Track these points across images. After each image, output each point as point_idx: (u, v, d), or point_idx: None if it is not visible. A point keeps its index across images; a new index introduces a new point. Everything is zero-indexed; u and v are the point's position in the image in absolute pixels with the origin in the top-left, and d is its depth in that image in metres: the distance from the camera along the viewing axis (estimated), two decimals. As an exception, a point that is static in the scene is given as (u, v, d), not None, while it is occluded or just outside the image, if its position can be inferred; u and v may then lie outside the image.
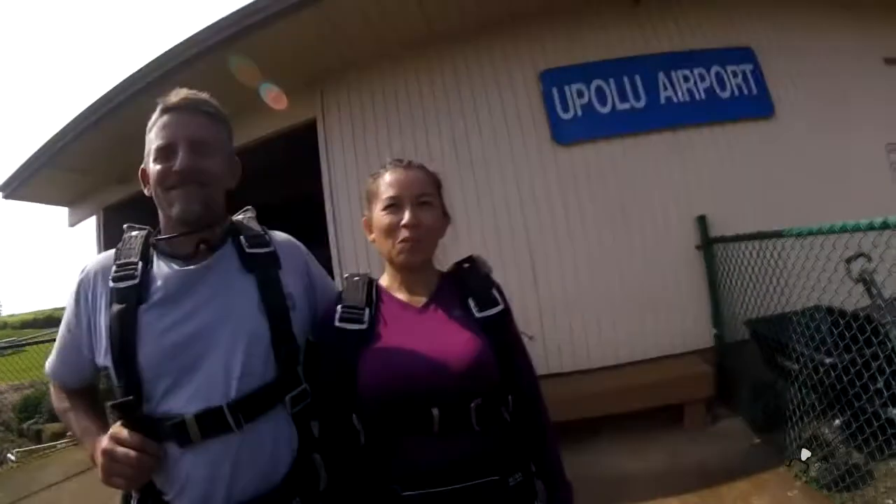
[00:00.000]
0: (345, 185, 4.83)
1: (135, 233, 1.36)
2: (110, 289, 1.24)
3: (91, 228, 7.46)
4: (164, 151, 1.23)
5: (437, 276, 1.42)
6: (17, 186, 6.68)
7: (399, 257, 1.32)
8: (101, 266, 1.29)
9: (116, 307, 1.21)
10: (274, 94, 4.74)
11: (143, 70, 4.73)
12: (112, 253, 1.31)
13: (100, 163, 6.12)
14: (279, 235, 1.46)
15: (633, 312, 4.48)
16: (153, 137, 1.26)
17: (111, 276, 1.25)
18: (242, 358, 1.20)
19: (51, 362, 1.39)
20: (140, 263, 1.26)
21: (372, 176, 1.42)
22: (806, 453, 3.18)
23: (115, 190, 6.70)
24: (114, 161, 5.71)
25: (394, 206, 1.32)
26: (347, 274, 1.43)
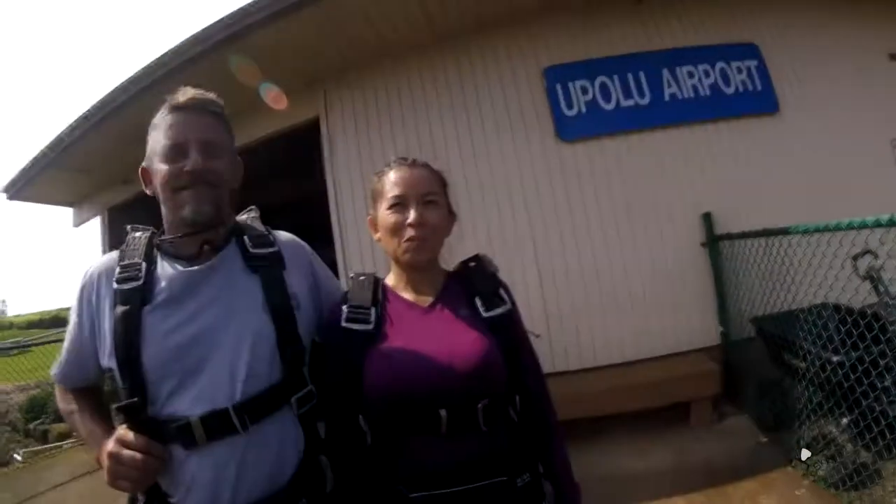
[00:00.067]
0: (348, 184, 4.82)
1: (138, 234, 1.35)
2: (114, 290, 1.24)
3: (96, 229, 7.49)
4: (174, 151, 1.22)
5: (444, 275, 1.41)
6: (22, 187, 6.68)
7: (405, 256, 1.31)
8: (105, 267, 1.29)
9: (120, 308, 1.20)
10: (274, 93, 4.72)
11: (146, 69, 4.72)
12: (116, 254, 1.31)
13: (103, 163, 6.12)
14: (283, 235, 1.45)
15: (639, 310, 4.47)
16: (160, 136, 1.24)
17: (115, 278, 1.25)
18: (247, 359, 1.20)
19: (57, 364, 1.38)
20: (144, 264, 1.26)
21: (377, 175, 1.41)
22: (806, 453, 3.18)
23: (119, 190, 6.72)
24: (117, 161, 5.71)
25: (399, 204, 1.31)
26: (353, 273, 1.42)
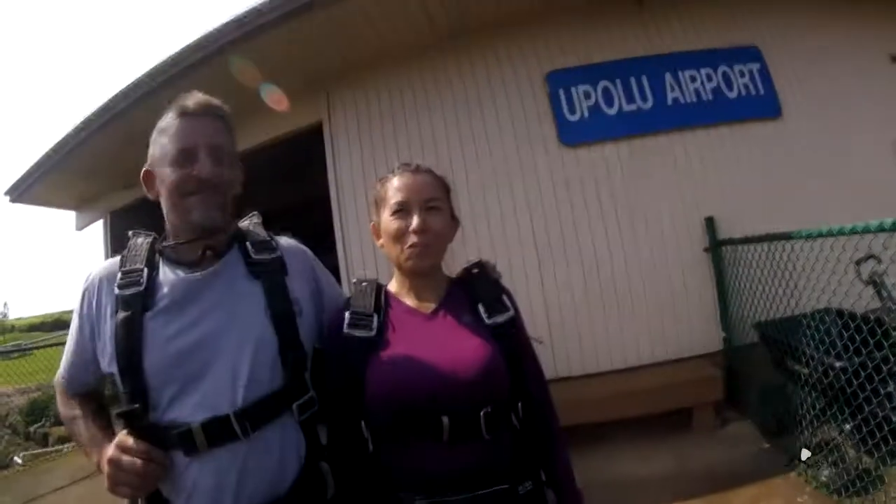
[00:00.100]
0: (351, 189, 4.81)
1: (140, 239, 1.35)
2: (116, 296, 1.23)
3: (98, 232, 7.50)
4: (182, 156, 1.22)
5: (446, 281, 1.41)
6: (25, 190, 6.71)
7: (408, 263, 1.31)
8: (107, 273, 1.29)
9: (122, 314, 1.20)
10: (276, 95, 4.72)
11: (149, 74, 4.74)
12: (117, 259, 1.31)
13: (106, 167, 6.13)
14: (285, 241, 1.45)
15: (642, 316, 4.46)
16: (168, 141, 1.24)
17: (116, 283, 1.24)
18: (249, 365, 1.19)
19: (61, 369, 1.38)
20: (145, 270, 1.25)
21: (380, 181, 1.41)
22: (806, 453, 3.16)
23: (121, 194, 6.73)
24: (120, 165, 5.70)
25: (402, 211, 1.30)
26: (355, 279, 1.41)
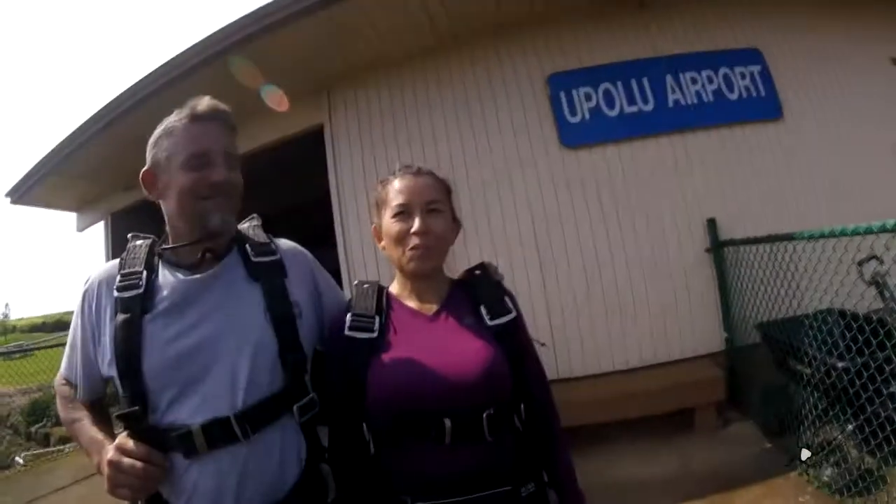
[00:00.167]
0: (352, 191, 4.81)
1: (139, 242, 1.35)
2: (115, 298, 1.23)
3: (99, 233, 7.51)
4: (198, 160, 1.21)
5: (448, 283, 1.41)
6: (26, 192, 6.71)
7: (409, 265, 1.30)
8: (106, 276, 1.29)
9: (121, 317, 1.20)
10: (276, 96, 4.72)
11: (151, 76, 4.74)
12: (116, 262, 1.31)
13: (107, 169, 6.13)
14: (285, 243, 1.45)
15: (644, 316, 4.46)
16: (177, 144, 1.23)
17: (115, 286, 1.24)
18: (249, 368, 1.19)
19: (60, 372, 1.38)
20: (144, 273, 1.25)
21: (381, 183, 1.41)
22: (806, 453, 3.16)
23: (122, 196, 6.73)
24: (121, 167, 5.71)
25: (403, 213, 1.30)
26: (357, 281, 1.41)
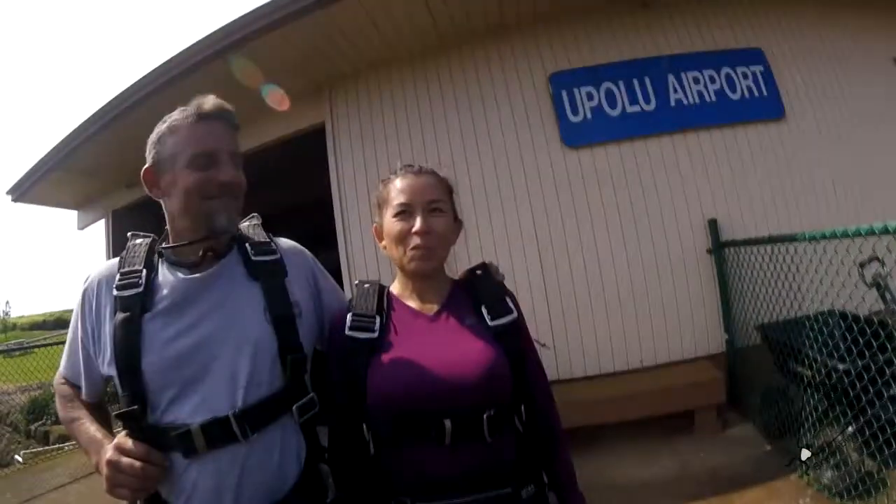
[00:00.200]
0: (353, 189, 4.81)
1: (139, 240, 1.34)
2: (114, 297, 1.22)
3: (100, 231, 7.52)
4: (204, 160, 1.21)
5: (449, 283, 1.40)
6: (27, 189, 6.73)
7: (411, 265, 1.30)
8: (105, 274, 1.28)
9: (120, 316, 1.19)
10: (277, 95, 4.72)
11: (153, 74, 4.74)
12: (116, 261, 1.30)
13: (108, 167, 6.15)
14: (285, 242, 1.44)
15: (644, 317, 4.46)
16: (182, 142, 1.22)
17: (115, 285, 1.23)
18: (248, 367, 1.19)
19: (59, 371, 1.38)
20: (144, 272, 1.25)
21: (382, 182, 1.40)
22: (806, 453, 3.15)
23: (123, 194, 6.75)
24: (122, 165, 5.72)
25: (405, 212, 1.29)
26: (358, 281, 1.41)
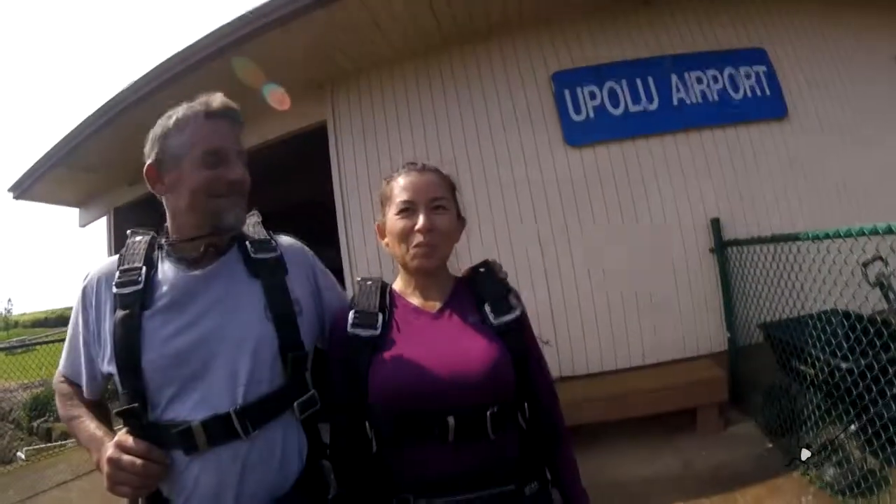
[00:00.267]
0: (355, 188, 4.80)
1: (138, 237, 1.34)
2: (114, 294, 1.22)
3: (101, 229, 7.53)
4: (213, 158, 1.21)
5: (452, 280, 1.40)
6: (29, 187, 6.73)
7: (413, 262, 1.29)
8: (105, 272, 1.28)
9: (120, 313, 1.19)
10: (277, 94, 4.71)
11: (155, 70, 4.73)
12: (115, 258, 1.30)
13: (110, 164, 6.14)
14: (285, 240, 1.44)
15: (646, 315, 4.45)
16: (189, 139, 1.22)
17: (115, 282, 1.23)
18: (249, 364, 1.19)
19: (59, 369, 1.38)
20: (144, 269, 1.25)
21: (385, 179, 1.40)
22: (806, 453, 3.15)
23: (124, 191, 6.75)
24: (124, 162, 5.72)
25: (408, 210, 1.29)
26: (360, 278, 1.41)
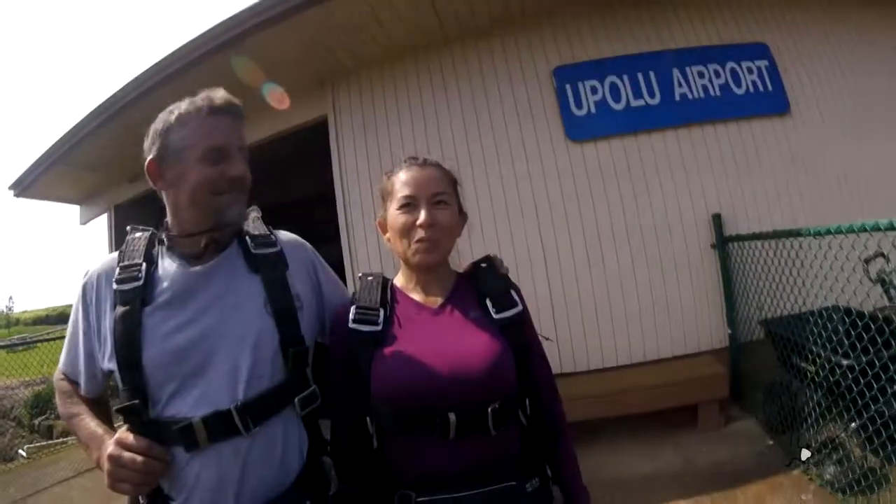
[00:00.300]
0: (356, 183, 4.80)
1: (138, 234, 1.34)
2: (114, 291, 1.22)
3: (102, 226, 7.53)
4: (215, 154, 1.21)
5: (454, 276, 1.40)
6: (29, 184, 6.72)
7: (415, 257, 1.29)
8: (105, 269, 1.27)
9: (120, 309, 1.19)
10: (277, 94, 4.70)
11: (156, 67, 4.72)
12: (115, 255, 1.30)
13: (110, 161, 6.14)
14: (285, 235, 1.44)
15: (647, 311, 4.44)
16: (192, 135, 1.21)
17: (115, 279, 1.23)
18: (250, 360, 1.18)
19: (59, 367, 1.37)
20: (144, 265, 1.24)
21: (386, 174, 1.39)
22: (806, 453, 3.15)
23: (125, 188, 6.75)
24: (125, 159, 5.72)
25: (409, 205, 1.29)
26: (361, 274, 1.40)
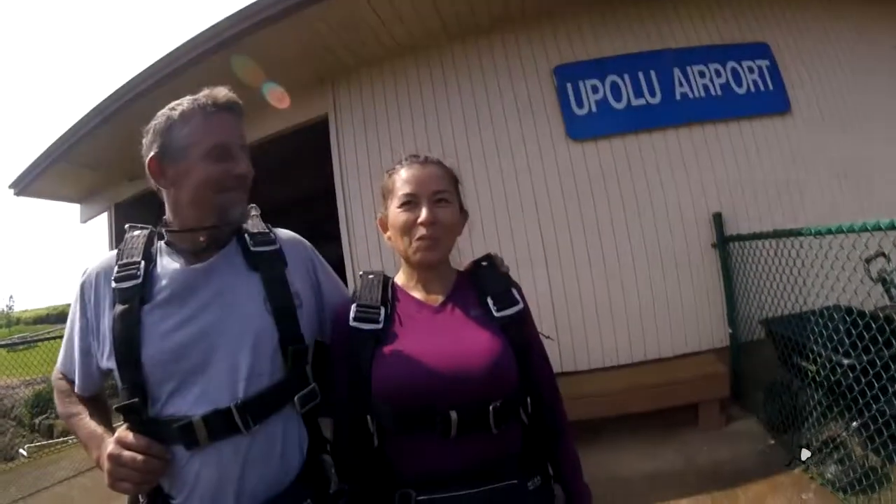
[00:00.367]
0: (357, 181, 4.80)
1: (137, 232, 1.34)
2: (113, 289, 1.22)
3: (103, 225, 7.52)
4: (219, 152, 1.20)
5: (454, 274, 1.39)
6: (29, 183, 6.71)
7: (416, 255, 1.29)
8: (104, 267, 1.27)
9: (119, 308, 1.19)
10: (277, 93, 4.70)
11: (156, 65, 4.72)
12: (114, 253, 1.29)
13: (110, 160, 6.13)
14: (284, 233, 1.44)
15: (648, 310, 4.44)
16: (196, 133, 1.21)
17: (113, 277, 1.23)
18: (249, 358, 1.18)
19: (57, 366, 1.37)
20: (143, 263, 1.24)
21: (387, 172, 1.39)
22: (806, 453, 3.14)
23: (125, 187, 6.75)
24: (124, 158, 5.71)
25: (410, 203, 1.29)
26: (362, 272, 1.40)
